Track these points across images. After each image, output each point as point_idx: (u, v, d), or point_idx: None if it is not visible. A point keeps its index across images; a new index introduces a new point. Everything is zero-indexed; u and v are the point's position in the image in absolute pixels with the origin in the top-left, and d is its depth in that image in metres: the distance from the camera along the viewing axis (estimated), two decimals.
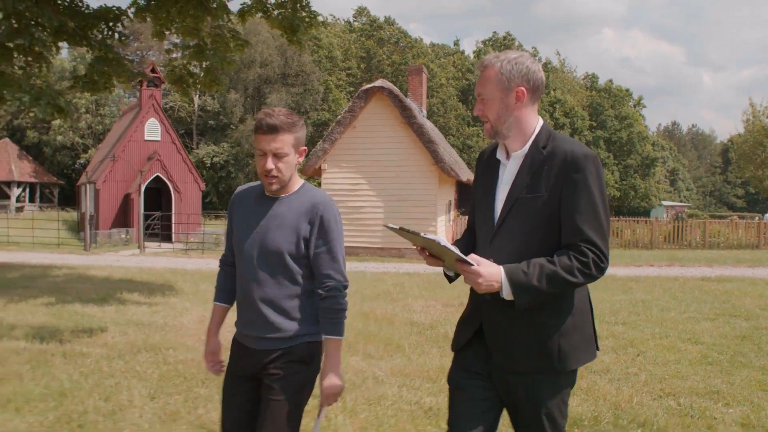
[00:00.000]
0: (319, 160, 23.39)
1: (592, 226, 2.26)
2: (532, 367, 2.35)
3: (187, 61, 11.21)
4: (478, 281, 2.20)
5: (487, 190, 2.51)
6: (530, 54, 2.18)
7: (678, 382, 5.82)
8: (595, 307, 8.53)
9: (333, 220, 2.71)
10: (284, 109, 2.68)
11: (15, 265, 17.26)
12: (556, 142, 2.36)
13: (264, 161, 2.63)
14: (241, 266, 2.74)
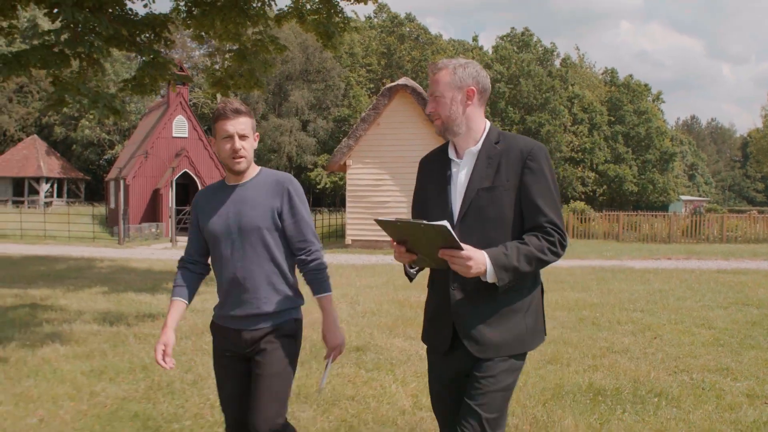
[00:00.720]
0: (344, 157, 24.06)
1: (552, 210, 2.51)
2: (505, 351, 2.53)
3: (229, 64, 11.89)
4: (469, 264, 2.33)
5: (440, 186, 2.66)
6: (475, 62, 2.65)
7: (691, 360, 6.43)
8: (614, 296, 9.34)
9: (298, 191, 2.98)
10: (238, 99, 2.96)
11: (59, 257, 18.13)
12: (508, 139, 2.61)
13: (231, 143, 2.86)
14: (223, 253, 2.93)
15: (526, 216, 2.52)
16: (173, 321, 2.96)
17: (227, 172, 3.00)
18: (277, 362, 2.85)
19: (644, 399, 5.18)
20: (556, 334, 7.60)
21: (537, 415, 4.73)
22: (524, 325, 2.55)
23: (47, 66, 10.19)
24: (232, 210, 2.92)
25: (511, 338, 2.52)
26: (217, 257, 2.97)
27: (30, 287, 11.47)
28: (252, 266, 2.89)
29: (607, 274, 14.05)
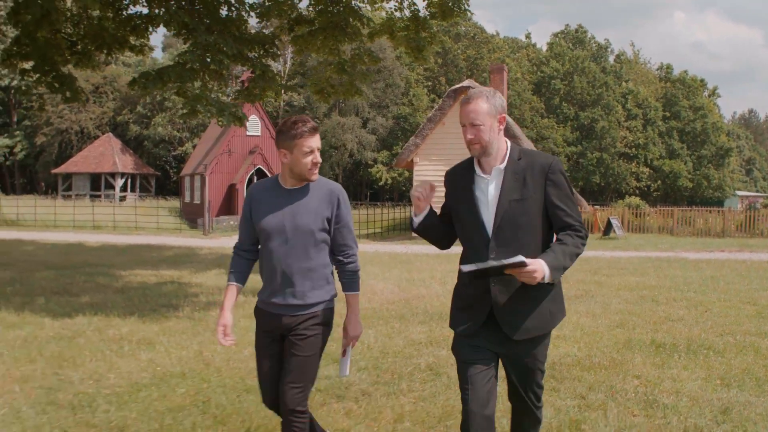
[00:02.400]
0: (411, 154, 25.68)
1: (574, 211, 2.95)
2: (534, 331, 2.96)
3: (330, 75, 13.61)
4: (535, 276, 2.71)
5: (470, 200, 3.00)
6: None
7: (735, 326, 7.85)
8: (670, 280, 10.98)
9: (346, 201, 3.37)
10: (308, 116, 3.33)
11: (160, 246, 20.25)
12: (528, 155, 2.99)
13: (312, 156, 3.21)
14: (274, 248, 3.27)
15: (553, 219, 2.96)
16: (230, 303, 3.37)
17: (291, 177, 3.31)
18: (311, 346, 3.24)
19: (696, 351, 6.65)
20: (622, 307, 9.09)
21: (614, 356, 6.29)
22: (548, 310, 2.99)
23: (182, 80, 12.06)
24: (288, 211, 3.26)
25: (538, 323, 2.96)
26: (266, 250, 3.31)
27: (158, 269, 13.42)
28: (297, 262, 3.25)
29: (662, 263, 15.36)
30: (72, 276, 11.81)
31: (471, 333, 3.01)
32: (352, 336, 3.36)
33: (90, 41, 13.11)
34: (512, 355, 3.01)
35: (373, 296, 9.87)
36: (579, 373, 5.68)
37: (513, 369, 3.06)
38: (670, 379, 5.54)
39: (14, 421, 4.43)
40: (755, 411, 4.72)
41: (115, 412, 4.60)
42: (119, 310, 8.50)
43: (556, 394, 5.10)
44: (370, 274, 12.59)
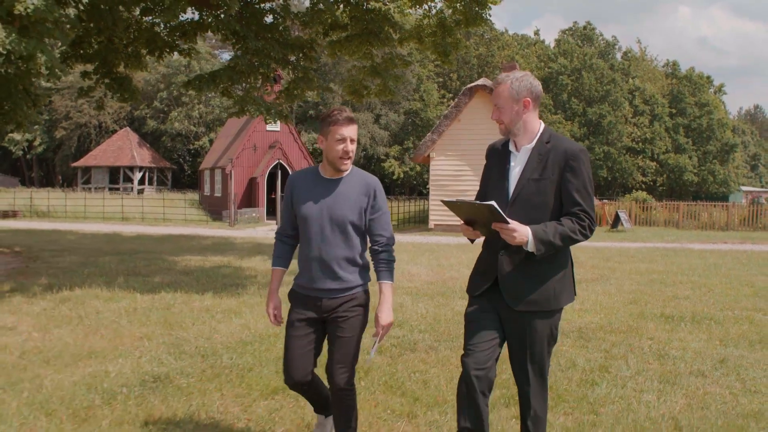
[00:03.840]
0: (428, 149, 26.78)
1: (585, 200, 3.05)
2: (534, 305, 3.09)
3: (363, 77, 14.75)
4: (514, 235, 2.91)
5: (501, 172, 3.21)
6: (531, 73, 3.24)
7: (734, 303, 9.00)
8: (676, 266, 12.39)
9: (382, 192, 3.51)
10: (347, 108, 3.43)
11: (194, 236, 21.47)
12: (557, 140, 3.13)
13: (344, 145, 3.33)
14: (313, 235, 3.41)
15: (564, 203, 3.08)
16: (277, 286, 3.57)
17: (329, 166, 3.45)
18: (354, 327, 3.43)
19: (699, 321, 7.80)
20: (634, 288, 10.25)
21: (630, 323, 7.47)
22: (552, 289, 3.12)
23: (232, 82, 13.25)
24: (327, 201, 3.40)
25: (540, 297, 3.09)
26: (306, 236, 3.45)
27: (205, 256, 14.61)
28: (336, 249, 3.40)
29: (669, 253, 16.51)
30: (132, 260, 13.01)
31: (480, 293, 3.22)
32: (384, 324, 3.41)
33: (141, 45, 14.28)
34: (514, 324, 3.14)
35: (412, 278, 11.05)
36: (602, 335, 6.86)
37: (513, 339, 3.18)
38: (678, 340, 6.71)
39: (159, 365, 5.60)
40: (746, 361, 5.89)
41: (237, 358, 5.78)
42: (192, 288, 9.69)
43: (585, 349, 6.28)
44: (401, 261, 13.76)
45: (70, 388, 4.93)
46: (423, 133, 51.47)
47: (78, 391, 4.86)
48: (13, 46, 7.95)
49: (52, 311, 7.86)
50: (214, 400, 4.70)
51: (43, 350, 6.04)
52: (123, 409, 4.48)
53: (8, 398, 4.68)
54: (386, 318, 3.41)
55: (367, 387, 5.00)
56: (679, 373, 5.51)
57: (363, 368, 5.43)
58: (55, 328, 6.98)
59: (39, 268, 11.57)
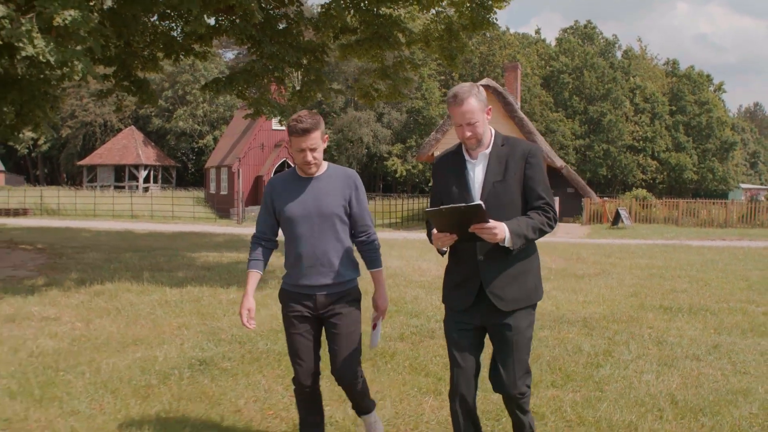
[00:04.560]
0: (431, 148, 27.34)
1: (547, 194, 3.21)
2: (522, 303, 3.21)
3: (373, 80, 15.26)
4: (495, 233, 2.96)
5: (460, 180, 3.26)
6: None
7: (729, 296, 9.53)
8: (675, 262, 13.03)
9: (362, 185, 3.60)
10: (307, 112, 3.40)
11: (205, 233, 22.00)
12: (511, 141, 3.26)
13: (304, 156, 3.38)
14: (301, 233, 3.45)
15: (528, 198, 3.22)
16: (252, 289, 3.55)
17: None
18: (352, 323, 3.49)
19: (696, 312, 8.32)
20: (634, 282, 10.78)
21: (631, 314, 8.00)
22: (533, 283, 3.27)
23: (249, 85, 13.77)
24: (312, 198, 3.46)
25: (524, 294, 3.22)
26: (293, 236, 3.49)
27: (220, 252, 15.13)
28: (326, 245, 3.46)
29: (668, 249, 17.04)
30: (153, 257, 13.54)
31: (463, 308, 3.26)
32: (382, 309, 3.58)
33: (157, 49, 14.79)
34: (498, 326, 3.22)
35: (423, 273, 11.59)
36: (605, 324, 7.40)
37: (497, 340, 3.26)
38: (675, 329, 7.25)
39: (201, 351, 6.13)
40: (738, 347, 6.42)
41: (271, 344, 6.31)
42: (216, 282, 10.22)
43: (590, 336, 6.81)
44: (410, 257, 14.30)
45: (126, 370, 5.46)
46: (425, 131, 51.97)
47: (133, 372, 5.39)
48: (52, 55, 8.48)
49: (89, 303, 8.39)
50: (258, 379, 5.23)
51: (91, 338, 6.57)
52: (178, 388, 5.01)
53: (72, 379, 5.21)
54: (383, 302, 3.58)
55: (394, 368, 5.54)
56: (675, 357, 6.04)
57: (387, 353, 5.97)
58: (96, 318, 7.51)
59: (67, 264, 12.10)
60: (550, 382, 5.20)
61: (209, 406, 4.64)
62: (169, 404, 4.65)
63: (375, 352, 6.01)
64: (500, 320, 3.20)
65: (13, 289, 9.31)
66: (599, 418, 4.38)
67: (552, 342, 6.48)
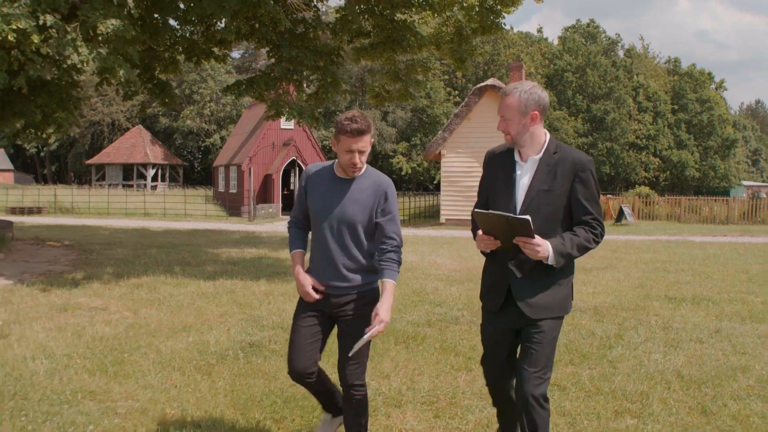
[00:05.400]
0: (439, 147, 27.88)
1: (595, 209, 3.14)
2: (549, 312, 3.18)
3: (385, 82, 15.83)
4: (538, 250, 2.97)
5: (507, 182, 3.21)
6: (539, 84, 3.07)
7: (730, 287, 10.11)
8: (678, 256, 13.72)
9: (393, 194, 3.47)
10: (361, 114, 3.32)
11: (220, 231, 22.59)
12: (564, 150, 3.17)
13: (352, 157, 3.30)
14: (321, 232, 3.45)
15: (574, 212, 3.15)
16: (302, 266, 3.55)
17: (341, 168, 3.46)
18: (365, 325, 3.37)
19: (698, 302, 8.90)
20: (640, 275, 11.36)
21: (638, 303, 8.58)
22: (563, 295, 3.22)
23: (268, 88, 14.35)
24: (339, 201, 3.41)
25: (554, 304, 3.18)
26: (316, 232, 3.52)
27: (241, 248, 15.73)
28: (344, 249, 3.43)
29: (671, 245, 17.62)
30: (178, 252, 14.14)
31: (493, 310, 3.30)
32: (381, 320, 3.30)
33: (177, 52, 15.38)
34: (528, 330, 3.21)
35: (438, 267, 12.19)
36: (615, 312, 7.99)
37: (526, 343, 3.23)
38: (680, 316, 7.83)
39: (248, 335, 6.72)
40: (737, 331, 7.01)
41: None
42: (245, 275, 10.81)
43: (601, 323, 7.39)
44: (423, 252, 14.89)
45: (184, 351, 6.05)
46: (430, 129, 52.55)
47: (192, 354, 5.98)
48: (96, 63, 9.07)
49: (131, 295, 8.98)
50: None
51: (143, 325, 7.16)
52: (236, 366, 5.60)
53: (138, 359, 5.80)
54: (385, 314, 3.32)
55: (426, 350, 6.12)
56: (680, 339, 6.62)
57: (418, 337, 6.56)
58: (142, 308, 8.10)
59: (99, 260, 12.70)
60: (569, 361, 5.79)
61: (268, 380, 5.22)
62: (232, 380, 5.23)
63: (407, 335, 6.60)
64: (528, 325, 3.19)
65: (57, 282, 9.90)
66: (614, 389, 4.97)
67: (567, 327, 7.07)
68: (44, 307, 8.09)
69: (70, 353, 5.92)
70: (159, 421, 4.32)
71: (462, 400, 4.78)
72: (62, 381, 5.12)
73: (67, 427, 4.20)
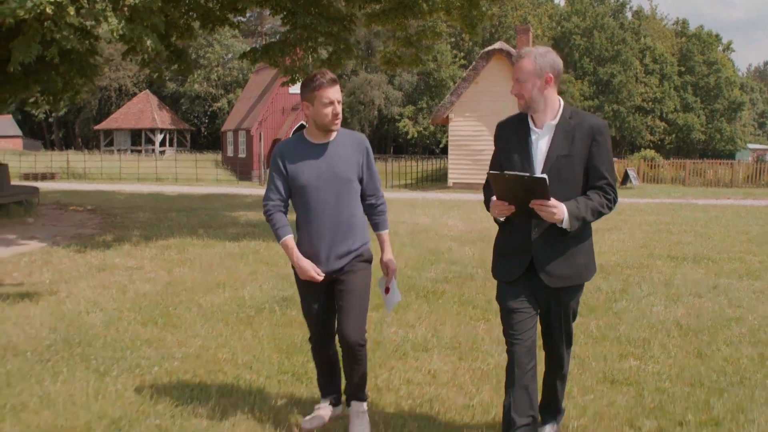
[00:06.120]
0: (447, 111, 28.20)
1: (610, 174, 3.14)
2: (570, 281, 3.18)
3: (396, 47, 16.13)
4: (554, 212, 2.94)
5: (523, 151, 3.19)
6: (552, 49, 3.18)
7: (730, 248, 10.59)
8: (681, 218, 14.31)
9: (371, 150, 3.60)
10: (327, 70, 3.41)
11: (233, 195, 23.12)
12: (579, 115, 3.16)
13: (333, 108, 3.34)
14: (316, 200, 3.43)
15: (590, 177, 3.14)
16: (297, 250, 3.52)
17: (317, 131, 3.46)
18: (360, 281, 3.48)
19: (699, 261, 9.39)
20: (644, 235, 11.85)
21: (641, 261, 9.10)
22: (583, 263, 3.22)
23: (283, 54, 14.70)
24: (324, 164, 3.43)
25: (573, 273, 3.18)
26: (305, 202, 3.48)
27: (256, 211, 16.23)
28: (339, 211, 3.45)
29: (675, 207, 18.08)
30: (198, 216, 14.67)
31: (512, 279, 3.23)
32: (392, 269, 3.61)
33: (192, 19, 15.69)
34: (547, 300, 3.23)
35: (450, 228, 12.70)
36: (620, 270, 8.51)
37: (548, 313, 3.28)
38: (681, 274, 8.34)
39: (280, 291, 7.24)
40: (734, 287, 7.52)
41: None
42: (267, 237, 11.30)
43: (607, 280, 7.90)
44: (434, 215, 15.40)
45: (223, 305, 6.59)
46: (436, 93, 52.64)
47: (231, 307, 6.52)
48: (124, 32, 9.46)
49: (162, 256, 9.51)
50: None
51: (180, 283, 7.69)
52: (274, 318, 6.13)
53: (182, 312, 6.34)
54: (393, 262, 3.61)
55: (445, 303, 6.66)
56: (680, 294, 7.14)
57: (437, 292, 7.09)
58: (175, 268, 8.63)
59: (124, 223, 13.24)
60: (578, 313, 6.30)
61: (305, 331, 5.74)
62: (272, 329, 5.76)
63: (427, 290, 7.14)
64: (548, 294, 3.21)
65: (90, 244, 10.44)
66: (619, 336, 5.50)
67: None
68: (83, 267, 8.64)
69: (119, 308, 6.47)
70: (213, 363, 4.87)
71: (482, 345, 5.30)
72: (119, 331, 5.67)
73: (134, 368, 4.74)
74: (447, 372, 4.71)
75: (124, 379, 4.51)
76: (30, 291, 7.15)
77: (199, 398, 4.19)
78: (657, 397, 4.21)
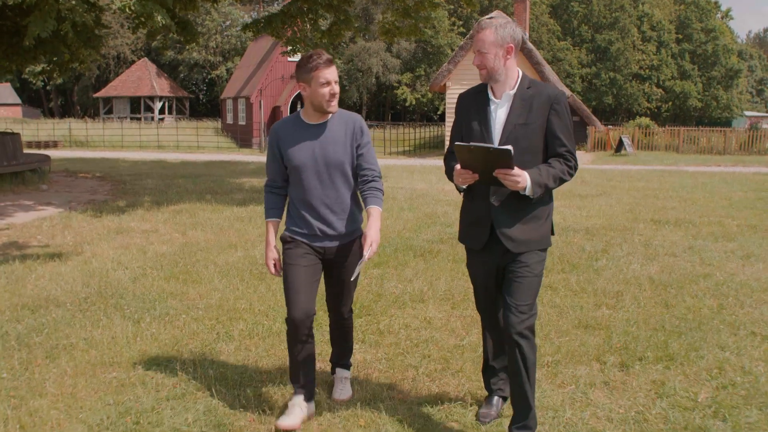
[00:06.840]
0: (444, 79, 28.59)
1: (569, 142, 3.22)
2: (532, 245, 3.25)
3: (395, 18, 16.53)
4: (518, 180, 3.01)
5: (482, 119, 3.26)
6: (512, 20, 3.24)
7: (711, 212, 11.19)
8: (668, 184, 15.03)
9: (366, 128, 3.56)
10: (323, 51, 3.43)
11: (234, 162, 23.62)
12: (537, 85, 3.24)
13: (331, 88, 3.35)
14: (309, 181, 3.46)
15: (550, 146, 3.22)
16: (273, 239, 3.57)
17: (313, 111, 3.45)
18: (351, 269, 3.56)
19: (680, 224, 9.99)
20: (631, 200, 12.45)
21: (625, 225, 9.71)
22: (545, 228, 3.29)
23: (285, 24, 15.13)
24: (317, 146, 3.43)
25: (536, 237, 3.25)
26: (301, 185, 3.47)
27: (260, 177, 16.79)
28: (337, 192, 3.48)
29: (665, 174, 18.66)
30: (204, 182, 15.23)
31: (478, 247, 3.34)
32: (373, 239, 3.33)
33: None
34: (511, 264, 3.26)
35: (447, 193, 13.29)
36: (604, 232, 9.11)
37: (510, 276, 3.26)
38: (661, 236, 8.95)
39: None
40: (708, 248, 8.13)
41: None
42: None
43: (591, 241, 8.51)
44: (431, 181, 15.98)
45: (238, 263, 7.19)
46: (434, 60, 52.79)
47: (244, 265, 7.12)
48: (136, 8, 9.93)
49: (174, 219, 10.10)
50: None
51: (194, 244, 8.29)
52: None
53: (201, 270, 6.95)
54: (374, 235, 3.35)
55: (440, 261, 7.27)
56: (657, 254, 7.76)
57: (433, 251, 7.70)
58: (188, 230, 9.22)
59: (134, 189, 13.81)
60: (560, 269, 6.93)
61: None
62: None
63: (423, 250, 7.75)
64: (511, 260, 3.25)
65: (105, 209, 11.02)
66: (596, 289, 6.13)
67: (561, 244, 8.19)
68: (102, 230, 9.23)
69: (142, 266, 7.07)
70: (233, 312, 5.48)
71: (473, 296, 5.91)
72: (145, 286, 6.28)
73: (163, 316, 5.36)
74: (441, 319, 5.34)
75: (157, 326, 5.13)
76: (56, 252, 7.75)
77: (224, 340, 4.82)
78: (623, 339, 4.83)
